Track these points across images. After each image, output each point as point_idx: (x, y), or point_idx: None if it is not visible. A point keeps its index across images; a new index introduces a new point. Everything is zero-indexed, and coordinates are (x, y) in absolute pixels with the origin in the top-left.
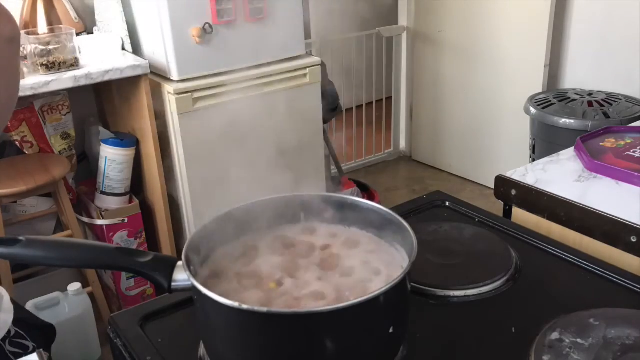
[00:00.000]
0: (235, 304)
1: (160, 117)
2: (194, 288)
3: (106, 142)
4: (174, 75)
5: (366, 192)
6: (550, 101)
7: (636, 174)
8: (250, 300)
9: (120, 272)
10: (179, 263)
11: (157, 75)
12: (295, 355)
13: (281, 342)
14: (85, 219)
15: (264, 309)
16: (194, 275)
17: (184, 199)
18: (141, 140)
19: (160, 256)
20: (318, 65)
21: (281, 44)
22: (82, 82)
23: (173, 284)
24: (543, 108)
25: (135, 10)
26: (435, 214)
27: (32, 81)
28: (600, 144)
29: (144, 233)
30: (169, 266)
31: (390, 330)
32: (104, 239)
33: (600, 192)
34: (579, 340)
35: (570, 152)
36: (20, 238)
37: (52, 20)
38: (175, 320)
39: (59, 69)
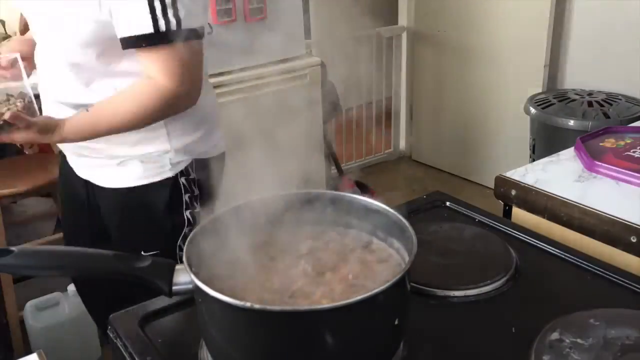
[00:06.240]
0: (247, 304)
1: None
2: (197, 289)
3: None
4: None
5: (366, 192)
6: (550, 101)
7: (636, 174)
8: (256, 299)
9: None
10: (178, 266)
11: None
12: (308, 351)
13: (292, 339)
14: None
15: (277, 308)
16: (196, 275)
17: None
18: None
19: (159, 260)
20: (318, 65)
21: (281, 44)
22: None
23: (174, 287)
24: (543, 108)
25: None
26: (435, 214)
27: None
28: (600, 144)
29: None
30: (169, 270)
31: (396, 322)
32: None
33: (600, 192)
34: (579, 340)
35: (570, 152)
36: (12, 249)
37: None
38: (175, 320)
39: None
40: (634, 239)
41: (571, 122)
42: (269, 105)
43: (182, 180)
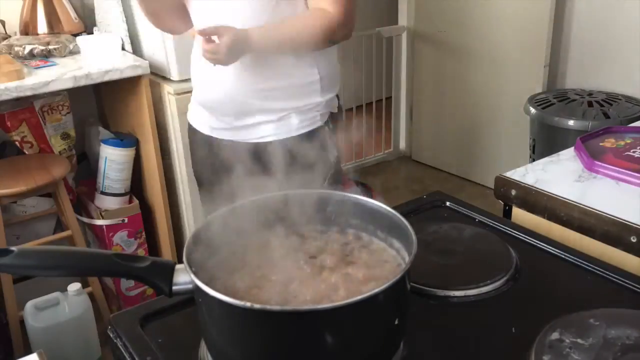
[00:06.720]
0: (247, 304)
1: (160, 117)
2: (197, 289)
3: (106, 142)
4: (174, 76)
5: (366, 192)
6: (550, 101)
7: (636, 174)
8: (256, 299)
9: None
10: (178, 266)
11: (157, 75)
12: (308, 351)
13: (292, 339)
14: (85, 219)
15: (277, 308)
16: (196, 275)
17: (183, 199)
18: (141, 140)
19: (159, 261)
20: None
21: None
22: (82, 82)
23: (174, 287)
24: (543, 108)
25: (136, 11)
26: (435, 214)
27: (32, 81)
28: (600, 144)
29: (143, 233)
30: (168, 270)
31: (396, 322)
32: (103, 239)
33: (600, 192)
34: (579, 340)
35: (570, 152)
36: (12, 248)
37: (52, 20)
38: (175, 320)
39: None
40: (634, 239)
41: (571, 122)
42: None
43: (326, 128)
